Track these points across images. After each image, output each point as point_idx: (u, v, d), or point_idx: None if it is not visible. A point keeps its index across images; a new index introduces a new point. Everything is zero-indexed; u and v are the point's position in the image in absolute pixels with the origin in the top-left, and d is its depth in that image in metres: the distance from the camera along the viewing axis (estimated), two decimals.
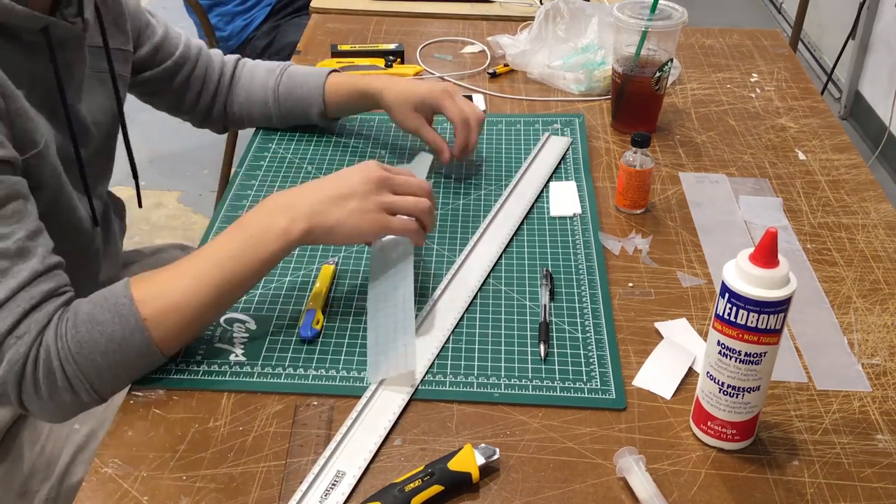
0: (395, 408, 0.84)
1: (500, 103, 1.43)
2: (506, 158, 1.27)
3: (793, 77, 1.53)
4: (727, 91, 1.48)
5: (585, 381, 0.88)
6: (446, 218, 1.14)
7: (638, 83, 1.30)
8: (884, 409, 0.87)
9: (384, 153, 1.28)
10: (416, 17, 1.78)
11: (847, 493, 0.78)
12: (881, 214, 1.16)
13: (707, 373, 0.79)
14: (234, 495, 0.76)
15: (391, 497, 0.74)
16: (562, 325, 0.96)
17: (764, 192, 1.21)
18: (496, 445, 0.79)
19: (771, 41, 1.68)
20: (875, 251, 1.09)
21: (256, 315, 0.96)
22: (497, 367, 0.90)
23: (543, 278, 1.01)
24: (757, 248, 0.72)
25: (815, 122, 1.39)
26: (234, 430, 0.83)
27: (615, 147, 1.31)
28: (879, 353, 0.94)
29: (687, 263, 1.06)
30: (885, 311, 1.00)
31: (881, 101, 3.00)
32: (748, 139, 1.34)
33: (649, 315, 0.98)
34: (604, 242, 1.09)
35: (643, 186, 1.13)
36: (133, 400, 0.86)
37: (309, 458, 0.80)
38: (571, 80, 1.46)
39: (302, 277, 1.02)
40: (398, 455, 0.81)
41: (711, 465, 0.80)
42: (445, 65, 1.57)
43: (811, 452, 0.82)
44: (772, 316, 0.73)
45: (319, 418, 0.84)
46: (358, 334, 0.94)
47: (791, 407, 0.87)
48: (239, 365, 0.90)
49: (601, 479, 0.78)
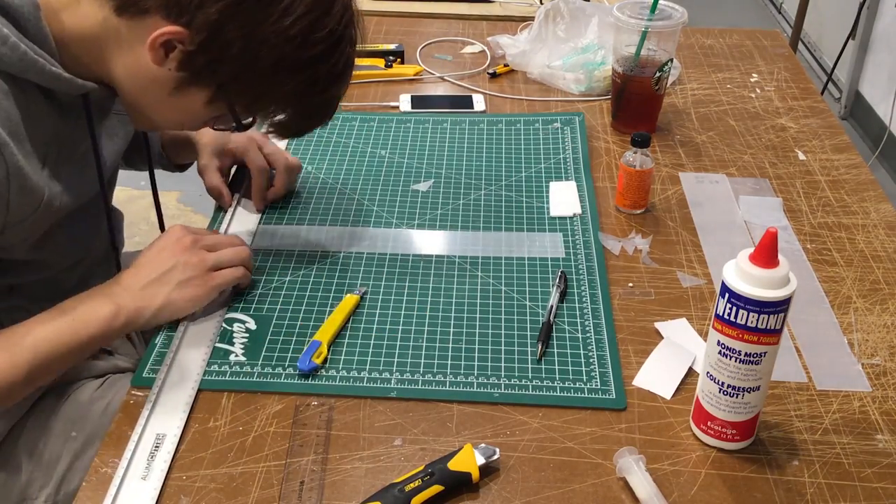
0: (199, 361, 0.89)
1: (500, 103, 1.43)
2: (506, 158, 1.27)
3: (793, 77, 1.53)
4: (727, 91, 1.48)
5: (585, 381, 0.88)
6: (446, 218, 1.14)
7: (638, 83, 1.30)
8: (884, 409, 0.87)
9: (384, 153, 1.28)
10: (416, 17, 1.78)
11: (847, 493, 0.78)
12: (881, 214, 1.16)
13: (707, 373, 0.79)
14: (234, 495, 0.76)
15: (391, 497, 0.74)
16: (562, 325, 0.96)
17: (764, 192, 1.21)
18: (496, 445, 0.79)
19: (771, 41, 1.68)
20: (875, 251, 1.09)
21: (256, 315, 0.96)
22: (497, 367, 0.90)
23: (558, 279, 1.01)
24: (757, 248, 0.72)
25: (815, 122, 1.39)
26: (234, 430, 0.83)
27: (615, 147, 1.31)
28: (879, 353, 0.94)
29: (687, 263, 1.06)
30: (885, 311, 1.00)
31: (881, 101, 3.00)
32: (748, 139, 1.34)
33: (649, 315, 0.98)
34: (604, 242, 1.09)
35: (643, 186, 1.13)
36: (133, 400, 0.86)
37: (309, 458, 0.80)
38: (571, 80, 1.46)
39: (302, 277, 1.02)
40: (398, 455, 0.81)
41: (711, 465, 0.80)
42: (445, 65, 1.57)
43: (811, 452, 0.82)
44: (772, 316, 0.73)
45: (319, 418, 0.84)
46: (358, 334, 0.94)
47: (791, 407, 0.87)
48: (239, 365, 0.90)
49: (601, 479, 0.78)
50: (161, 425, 0.83)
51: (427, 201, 1.17)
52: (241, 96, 0.89)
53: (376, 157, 1.27)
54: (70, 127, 0.91)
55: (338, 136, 1.32)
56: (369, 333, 0.94)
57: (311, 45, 0.85)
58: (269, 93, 0.89)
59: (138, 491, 0.76)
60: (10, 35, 0.81)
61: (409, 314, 0.97)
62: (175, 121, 0.96)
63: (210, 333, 0.93)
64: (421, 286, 1.01)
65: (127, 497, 0.76)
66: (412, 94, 1.45)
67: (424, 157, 1.27)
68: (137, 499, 0.75)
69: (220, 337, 0.93)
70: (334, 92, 0.93)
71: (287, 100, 0.90)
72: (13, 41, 0.80)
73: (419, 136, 1.32)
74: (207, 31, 0.82)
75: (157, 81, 0.87)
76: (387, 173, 1.23)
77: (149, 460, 0.79)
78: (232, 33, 0.82)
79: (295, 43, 0.84)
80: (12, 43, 0.80)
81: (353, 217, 1.14)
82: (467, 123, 1.36)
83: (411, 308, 0.98)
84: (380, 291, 1.00)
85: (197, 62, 0.84)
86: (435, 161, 1.26)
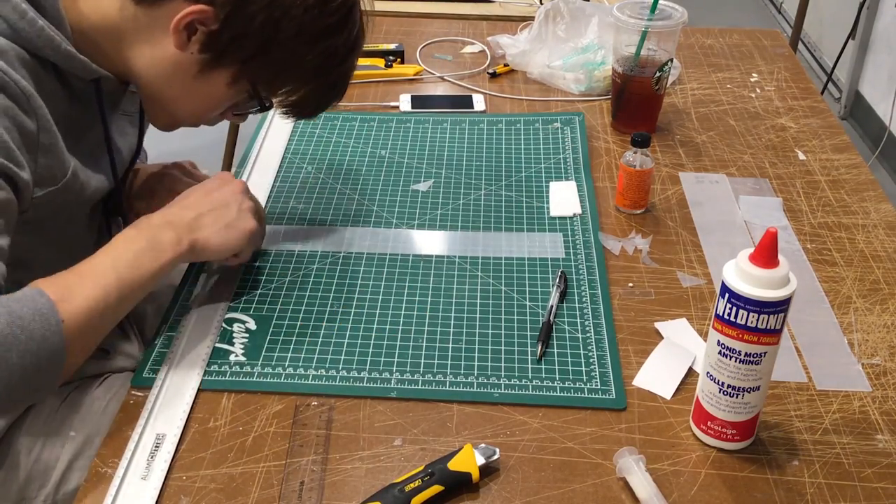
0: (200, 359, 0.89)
1: (500, 103, 1.43)
2: (506, 158, 1.27)
3: (793, 77, 1.53)
4: (727, 91, 1.48)
5: (585, 381, 0.88)
6: (446, 218, 1.14)
7: (638, 83, 1.30)
8: (884, 409, 0.87)
9: (384, 153, 1.28)
10: (416, 17, 1.78)
11: (847, 493, 0.78)
12: (881, 214, 1.16)
13: (707, 373, 0.79)
14: (234, 495, 0.76)
15: (391, 497, 0.74)
16: (562, 325, 0.96)
17: (764, 192, 1.21)
18: (496, 445, 0.79)
19: (771, 41, 1.68)
20: (875, 251, 1.09)
21: (256, 315, 0.96)
22: (497, 367, 0.90)
23: (558, 279, 1.01)
24: (757, 248, 0.72)
25: (815, 122, 1.39)
26: (234, 430, 0.83)
27: (615, 147, 1.31)
28: (879, 353, 0.94)
29: (687, 263, 1.06)
30: (885, 311, 1.00)
31: (881, 101, 3.00)
32: (748, 139, 1.34)
33: (649, 315, 0.98)
34: (604, 242, 1.09)
35: (643, 186, 1.13)
36: (133, 400, 0.86)
37: (309, 458, 0.80)
38: (571, 80, 1.46)
39: (302, 277, 1.02)
40: (398, 455, 0.81)
41: (711, 465, 0.80)
42: (445, 65, 1.57)
43: (811, 452, 0.82)
44: (772, 316, 0.73)
45: (319, 418, 0.84)
46: (358, 334, 0.94)
47: (791, 407, 0.87)
48: (239, 365, 0.90)
49: (601, 479, 0.78)
50: (161, 425, 0.83)
51: (427, 201, 1.17)
52: (263, 72, 0.91)
53: (376, 157, 1.27)
54: (79, 112, 0.92)
55: (338, 136, 1.32)
56: (369, 333, 0.94)
57: (328, 14, 0.89)
58: (291, 66, 0.92)
59: (138, 491, 0.76)
60: (28, 11, 0.83)
61: (409, 314, 0.97)
62: (196, 110, 0.96)
63: (210, 333, 0.93)
64: (421, 286, 1.01)
65: (127, 497, 0.76)
66: (412, 94, 1.45)
67: (424, 157, 1.27)
68: (137, 499, 0.75)
69: (220, 337, 0.93)
70: (350, 64, 0.96)
71: (307, 74, 0.94)
72: (31, 16, 0.83)
73: (419, 136, 1.33)
74: (232, 5, 0.85)
75: (180, 67, 0.89)
76: (387, 173, 1.23)
77: (149, 460, 0.79)
78: (255, 6, 0.85)
79: (314, 12, 0.88)
80: (30, 18, 0.83)
81: (353, 217, 1.14)
82: (467, 123, 1.36)
83: (411, 308, 0.98)
84: (380, 291, 1.00)
85: (221, 41, 0.87)
86: (435, 161, 1.26)
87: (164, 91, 0.92)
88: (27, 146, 0.83)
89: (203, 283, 1.01)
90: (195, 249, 0.91)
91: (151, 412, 0.84)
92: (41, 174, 0.86)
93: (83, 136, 0.94)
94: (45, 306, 0.76)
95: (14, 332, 0.73)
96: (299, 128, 1.33)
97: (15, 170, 0.80)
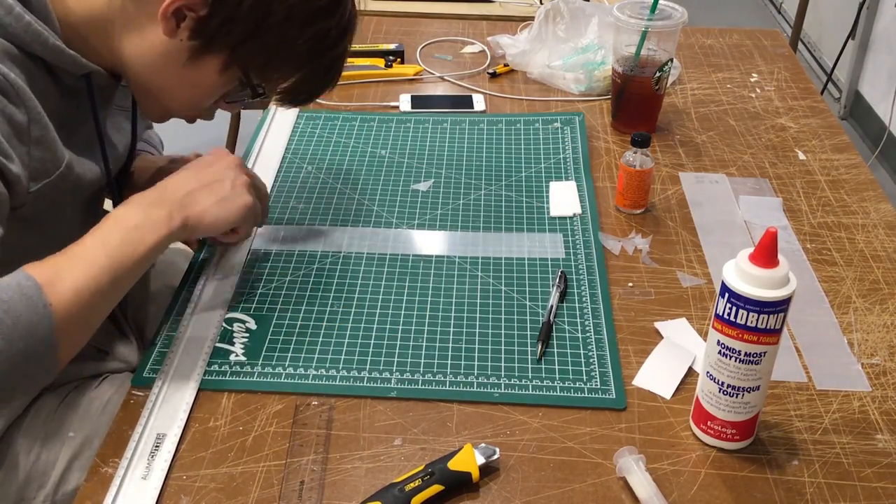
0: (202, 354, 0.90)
1: (500, 103, 1.43)
2: (506, 158, 1.27)
3: (793, 77, 1.53)
4: (727, 91, 1.48)
5: (585, 381, 0.88)
6: (446, 218, 1.14)
7: (638, 83, 1.30)
8: (883, 409, 0.87)
9: (384, 153, 1.28)
10: (416, 17, 1.78)
11: (847, 492, 0.78)
12: (881, 214, 1.16)
13: (707, 373, 0.79)
14: (234, 495, 0.76)
15: (391, 497, 0.74)
16: (562, 324, 0.96)
17: (764, 192, 1.21)
18: (496, 445, 0.79)
19: (771, 41, 1.68)
20: (875, 251, 1.09)
21: (256, 315, 0.97)
22: (497, 367, 0.90)
23: (558, 279, 1.01)
24: (757, 248, 0.72)
25: (815, 122, 1.39)
26: (234, 430, 0.83)
27: (615, 147, 1.31)
28: (879, 353, 0.94)
29: (687, 263, 1.06)
30: (885, 310, 1.00)
31: (881, 101, 3.00)
32: (748, 139, 1.34)
33: (649, 315, 0.98)
34: (604, 242, 1.09)
35: (643, 186, 1.13)
36: (133, 400, 0.86)
37: (309, 457, 0.80)
38: (571, 80, 1.46)
39: (302, 277, 1.02)
40: (398, 455, 0.81)
41: (711, 464, 0.80)
42: (445, 65, 1.57)
43: (811, 452, 0.82)
44: (772, 316, 0.73)
45: (319, 418, 0.84)
46: (358, 334, 0.94)
47: (791, 407, 0.87)
48: (239, 365, 0.90)
49: (601, 479, 0.78)
50: (161, 425, 0.83)
51: (427, 201, 1.17)
52: (254, 57, 0.90)
53: (376, 157, 1.27)
54: (71, 108, 0.91)
55: (338, 136, 1.32)
56: (369, 333, 0.94)
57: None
58: (282, 51, 0.90)
59: (139, 490, 0.76)
60: (15, 6, 0.82)
61: (409, 314, 0.97)
62: (188, 100, 0.95)
63: (210, 333, 0.93)
64: (421, 286, 1.01)
65: (127, 496, 0.76)
66: (412, 94, 1.45)
67: (424, 157, 1.27)
68: (138, 498, 0.75)
69: (220, 337, 0.93)
70: (342, 47, 0.95)
71: (299, 59, 0.92)
72: (18, 11, 0.82)
73: (419, 136, 1.33)
74: None
75: (170, 55, 0.88)
76: (387, 173, 1.23)
77: (149, 460, 0.79)
78: None
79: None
80: (17, 13, 0.82)
81: (353, 217, 1.14)
82: (467, 123, 1.36)
83: (411, 308, 0.98)
84: (380, 291, 1.00)
85: (210, 26, 0.85)
86: (435, 161, 1.26)
87: (154, 81, 0.91)
88: (18, 138, 0.82)
89: (203, 283, 1.01)
90: (188, 226, 0.89)
91: (152, 412, 0.84)
92: (35, 167, 0.85)
93: (76, 131, 0.93)
94: (31, 289, 0.75)
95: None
96: (299, 128, 1.33)
97: (3, 161, 0.80)
